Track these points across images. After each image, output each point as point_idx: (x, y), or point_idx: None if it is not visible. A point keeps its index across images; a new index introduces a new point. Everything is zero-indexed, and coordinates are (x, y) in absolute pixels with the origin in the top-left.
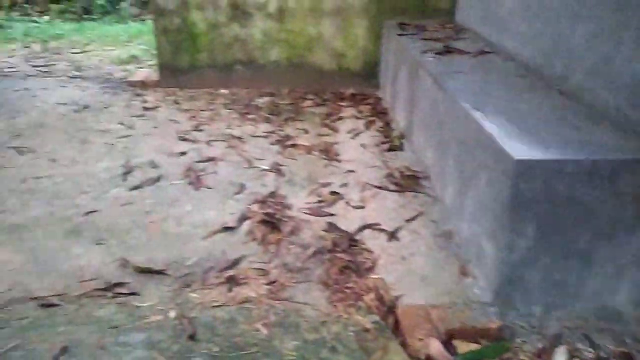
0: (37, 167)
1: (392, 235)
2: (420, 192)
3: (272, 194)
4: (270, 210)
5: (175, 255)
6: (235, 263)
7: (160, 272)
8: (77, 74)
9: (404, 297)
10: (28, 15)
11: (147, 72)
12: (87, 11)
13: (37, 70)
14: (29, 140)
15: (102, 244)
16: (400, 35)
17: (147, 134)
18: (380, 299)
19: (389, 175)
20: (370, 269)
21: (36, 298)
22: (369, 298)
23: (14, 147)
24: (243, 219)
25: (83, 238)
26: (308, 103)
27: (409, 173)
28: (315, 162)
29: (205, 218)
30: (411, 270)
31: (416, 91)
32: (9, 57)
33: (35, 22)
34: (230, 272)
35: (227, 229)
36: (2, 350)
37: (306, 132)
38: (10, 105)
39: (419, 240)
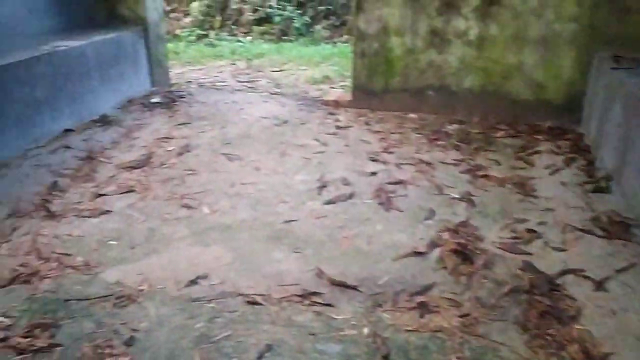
0: (244, 173)
1: (600, 285)
2: (632, 242)
3: (463, 224)
4: (461, 240)
5: (367, 272)
6: (425, 289)
7: (353, 287)
8: (277, 90)
9: (614, 356)
10: (234, 35)
11: (339, 92)
12: (284, 33)
13: (243, 85)
14: (237, 149)
15: (299, 252)
16: (614, 68)
17: (339, 151)
18: (585, 352)
19: (594, 219)
20: (574, 318)
21: (243, 294)
22: (573, 349)
23: (225, 154)
24: (433, 245)
25: (282, 244)
26: (500, 133)
27: (618, 219)
28: (509, 195)
29: (395, 239)
30: (623, 327)
31: (634, 130)
32: (219, 72)
33: (240, 41)
34: (421, 298)
35: (417, 253)
36: (217, 338)
37: (498, 163)
38: (222, 116)
39: (632, 294)
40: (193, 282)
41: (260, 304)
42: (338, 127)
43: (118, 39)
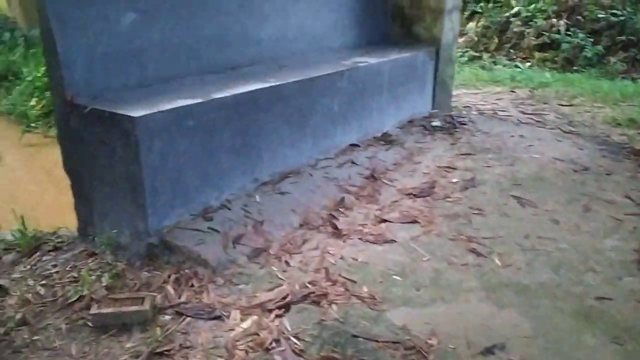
0: (539, 224)
1: None
2: None
3: None
4: None
5: None
6: None
7: None
8: (571, 128)
9: None
10: (511, 59)
11: None
12: (570, 62)
13: (528, 118)
14: (529, 193)
15: (619, 344)
16: None
17: None
18: None
19: None
20: None
21: None
22: None
23: (515, 196)
24: None
25: (595, 327)
26: None
27: None
28: None
29: None
30: None
31: None
32: (497, 100)
33: (518, 67)
34: None
35: None
36: None
37: None
38: (508, 151)
39: None
40: (488, 351)
41: None
42: None
43: (411, 58)
